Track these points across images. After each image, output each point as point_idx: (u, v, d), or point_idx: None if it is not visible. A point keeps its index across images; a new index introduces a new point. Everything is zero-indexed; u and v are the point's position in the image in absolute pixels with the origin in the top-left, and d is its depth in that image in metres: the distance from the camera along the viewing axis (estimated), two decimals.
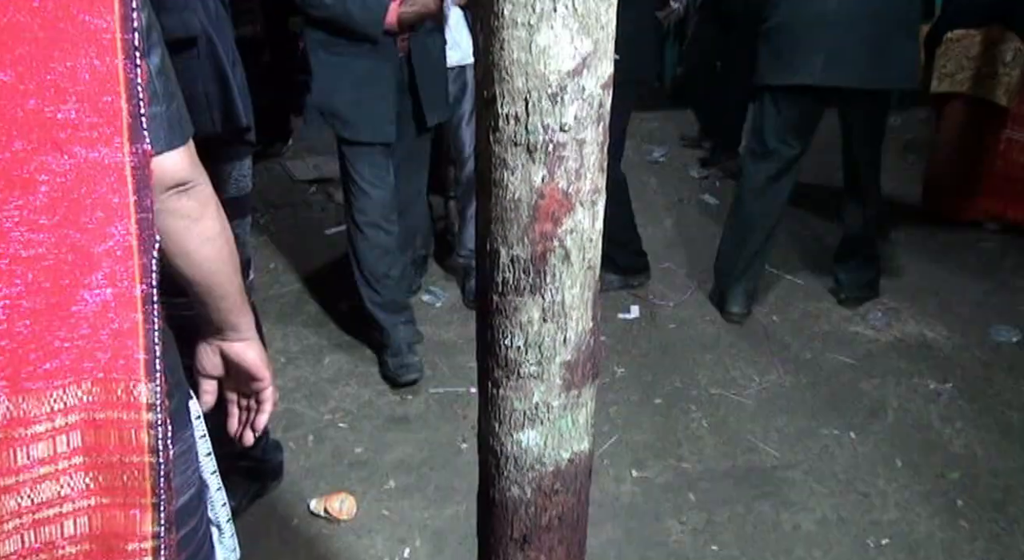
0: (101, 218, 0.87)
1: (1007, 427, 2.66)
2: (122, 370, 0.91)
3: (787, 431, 2.67)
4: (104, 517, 0.94)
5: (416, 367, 2.86)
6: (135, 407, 0.93)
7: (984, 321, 3.23)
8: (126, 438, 0.93)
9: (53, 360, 0.88)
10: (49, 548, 0.92)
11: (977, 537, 2.22)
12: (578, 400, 1.14)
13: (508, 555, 1.22)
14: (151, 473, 0.95)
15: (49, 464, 0.90)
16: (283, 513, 2.30)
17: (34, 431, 0.89)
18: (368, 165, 2.73)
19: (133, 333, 0.91)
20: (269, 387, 1.21)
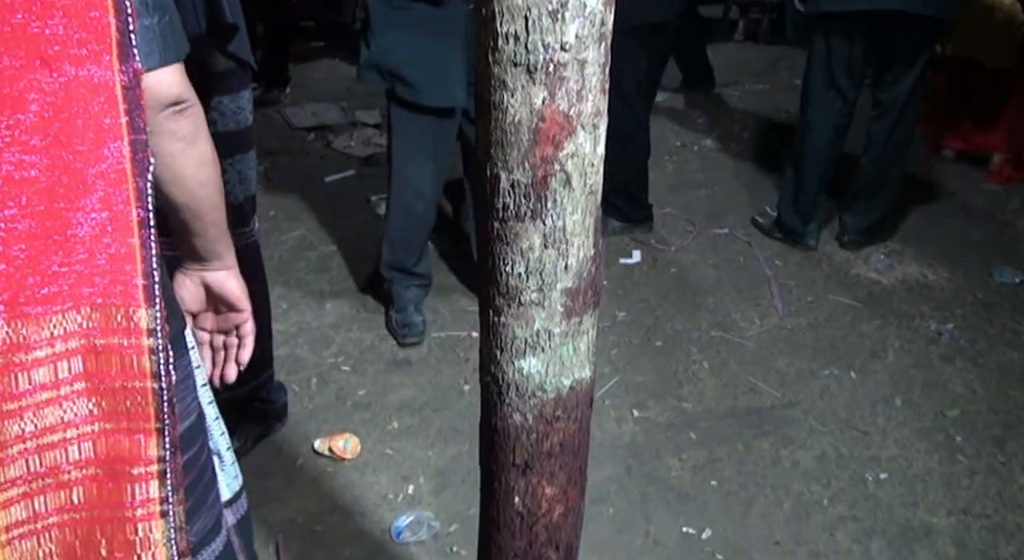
0: (93, 139, 0.86)
1: (1007, 366, 2.67)
2: (121, 296, 0.91)
3: (787, 372, 2.68)
4: (108, 442, 0.94)
5: (418, 329, 2.82)
6: (135, 333, 0.92)
7: (986, 263, 3.23)
8: (127, 364, 0.93)
9: (51, 285, 0.87)
10: (54, 473, 0.93)
11: (976, 472, 2.25)
12: (579, 328, 1.14)
13: (510, 481, 1.23)
14: (154, 398, 0.95)
15: (51, 389, 0.90)
16: (288, 453, 2.32)
17: (35, 356, 0.88)
18: (422, 132, 2.55)
19: (131, 258, 0.91)
20: (250, 320, 1.20)
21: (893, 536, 2.06)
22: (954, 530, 2.07)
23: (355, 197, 3.76)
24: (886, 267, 3.23)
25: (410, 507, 2.15)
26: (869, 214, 3.32)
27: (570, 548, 1.31)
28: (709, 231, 3.52)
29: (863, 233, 3.34)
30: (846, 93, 3.11)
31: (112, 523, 0.95)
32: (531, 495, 1.23)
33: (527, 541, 1.26)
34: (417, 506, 2.15)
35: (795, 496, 2.18)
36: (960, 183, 3.90)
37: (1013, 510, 2.13)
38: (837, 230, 3.42)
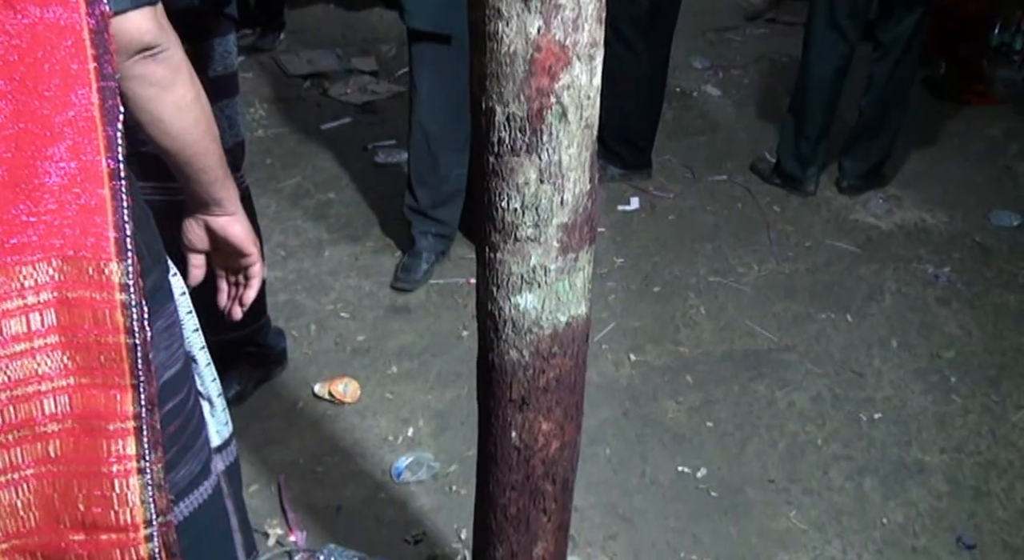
0: (60, 85, 0.84)
1: (1003, 308, 2.68)
2: (92, 248, 0.90)
3: (784, 316, 2.70)
4: (84, 397, 0.94)
5: (412, 278, 2.82)
6: (107, 287, 0.91)
7: (985, 207, 3.22)
8: (100, 318, 0.92)
9: (20, 235, 0.86)
10: (29, 424, 0.93)
11: (969, 411, 2.28)
12: (575, 264, 1.15)
13: (507, 417, 1.24)
14: (128, 354, 0.94)
15: (24, 341, 0.90)
16: (288, 397, 2.34)
17: (5, 307, 0.88)
18: (424, 61, 2.56)
19: (101, 210, 0.89)
20: (256, 262, 1.20)
21: (886, 473, 2.09)
22: (947, 467, 2.11)
23: (352, 145, 3.73)
24: (884, 212, 3.22)
25: (410, 448, 2.17)
26: (868, 158, 3.30)
27: (566, 482, 1.33)
28: (708, 178, 3.50)
29: (862, 178, 3.33)
30: (848, 34, 3.07)
31: (89, 478, 0.96)
32: (528, 430, 1.25)
33: (524, 474, 1.28)
34: (417, 447, 2.18)
35: (790, 436, 2.21)
36: (960, 128, 3.88)
37: (1006, 447, 2.16)
38: (836, 176, 3.40)
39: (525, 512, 1.32)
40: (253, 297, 1.22)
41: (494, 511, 1.32)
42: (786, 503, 2.02)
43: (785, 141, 3.34)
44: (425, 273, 2.86)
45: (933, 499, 2.02)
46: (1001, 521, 1.96)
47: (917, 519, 1.97)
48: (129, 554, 0.99)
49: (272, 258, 2.93)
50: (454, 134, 2.69)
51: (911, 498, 2.02)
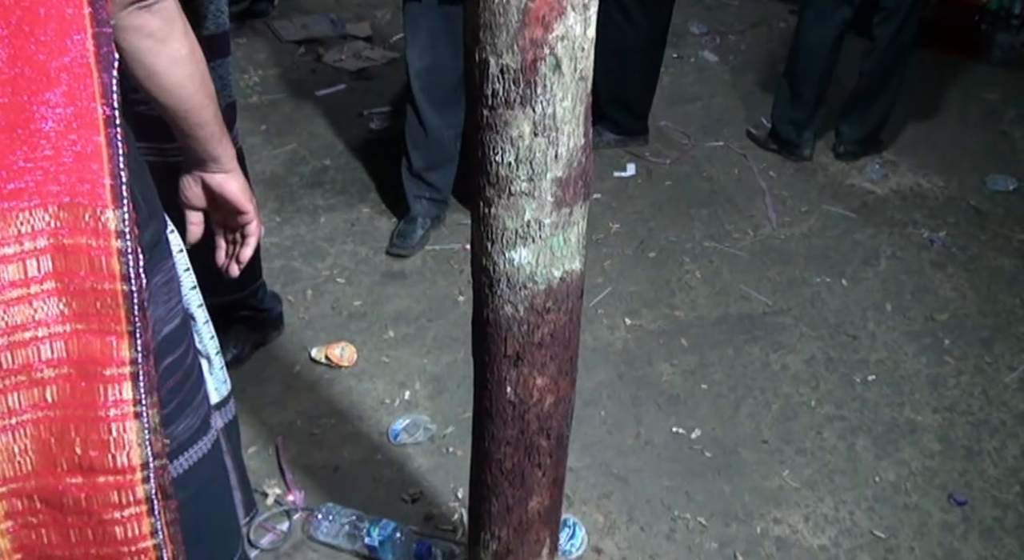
0: (55, 30, 0.84)
1: (998, 271, 2.69)
2: (88, 195, 0.90)
3: (779, 280, 2.70)
4: (80, 343, 0.94)
5: (407, 243, 2.82)
6: (103, 234, 0.91)
7: (982, 171, 3.22)
8: (96, 265, 0.92)
9: (17, 180, 0.87)
10: (27, 370, 0.93)
11: (962, 372, 2.29)
12: (570, 218, 1.15)
13: (502, 372, 1.25)
14: (124, 301, 0.94)
15: (21, 287, 0.90)
16: (285, 360, 2.35)
17: (3, 253, 0.88)
18: (415, 18, 2.56)
19: (97, 156, 0.89)
20: (253, 220, 1.20)
21: (879, 433, 2.11)
22: (939, 427, 2.13)
23: (347, 111, 3.71)
24: (880, 177, 3.22)
25: (407, 411, 2.19)
26: (865, 124, 3.29)
27: (560, 437, 1.34)
28: (704, 144, 3.49)
29: (859, 143, 3.32)
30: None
31: (86, 422, 0.97)
32: (522, 385, 1.26)
33: (519, 429, 1.29)
34: (413, 410, 2.20)
35: (783, 398, 2.23)
36: (957, 93, 3.86)
37: (998, 407, 2.18)
38: (833, 142, 3.39)
39: (520, 467, 1.33)
40: (250, 255, 1.22)
41: (489, 466, 1.34)
42: (779, 462, 2.04)
43: (780, 105, 3.32)
44: (421, 238, 2.86)
45: (925, 458, 2.04)
46: (992, 479, 1.98)
47: (909, 477, 1.99)
48: (126, 495, 1.00)
49: (268, 224, 2.92)
50: (446, 94, 2.68)
51: (903, 457, 2.04)
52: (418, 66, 2.64)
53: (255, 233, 1.23)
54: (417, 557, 1.71)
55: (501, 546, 1.40)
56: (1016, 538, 1.84)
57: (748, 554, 1.81)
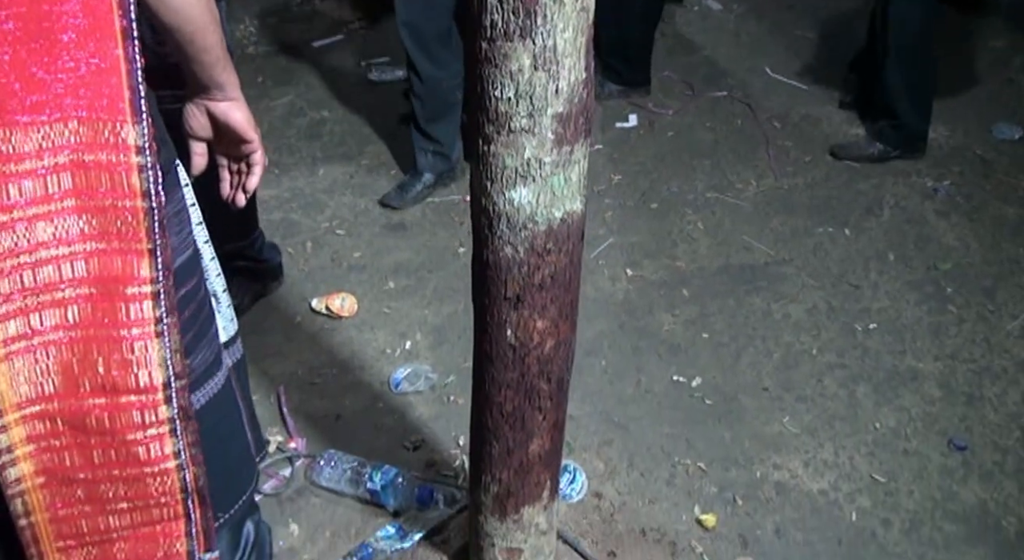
0: None
1: (1002, 220, 2.67)
2: (107, 110, 0.90)
3: (782, 231, 2.69)
4: (101, 262, 0.95)
5: (404, 196, 2.80)
6: (123, 149, 0.91)
7: (988, 120, 3.18)
8: (117, 182, 0.92)
9: (37, 93, 0.86)
10: (50, 289, 0.94)
11: (964, 320, 2.29)
12: (570, 157, 1.13)
13: (502, 315, 1.24)
14: (145, 218, 0.95)
15: (41, 204, 0.90)
16: (286, 311, 2.35)
17: (24, 167, 0.88)
18: None
19: (115, 70, 0.89)
20: (258, 149, 1.19)
21: (879, 381, 2.11)
22: (940, 374, 2.13)
23: (345, 62, 3.66)
24: None
25: (407, 361, 2.19)
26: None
27: (561, 380, 1.34)
28: (708, 94, 3.44)
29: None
30: None
31: (108, 342, 0.97)
32: (523, 328, 1.25)
33: (519, 373, 1.29)
34: (414, 360, 2.20)
35: (785, 346, 2.23)
36: (964, 42, 3.79)
37: (1000, 354, 2.17)
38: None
39: (520, 410, 1.33)
40: (256, 184, 1.21)
41: (490, 409, 1.34)
42: (779, 409, 2.04)
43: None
44: (419, 194, 2.83)
45: (926, 404, 2.04)
46: (992, 424, 1.99)
47: (909, 423, 1.99)
48: (149, 415, 1.02)
49: (266, 177, 2.86)
50: (436, 41, 2.64)
51: (904, 404, 2.05)
52: (405, 16, 2.60)
53: (260, 162, 1.23)
54: (419, 502, 1.72)
55: (502, 488, 1.41)
56: (1016, 481, 1.85)
57: (747, 498, 1.82)
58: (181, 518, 1.11)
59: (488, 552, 1.50)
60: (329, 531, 1.74)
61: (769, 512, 1.80)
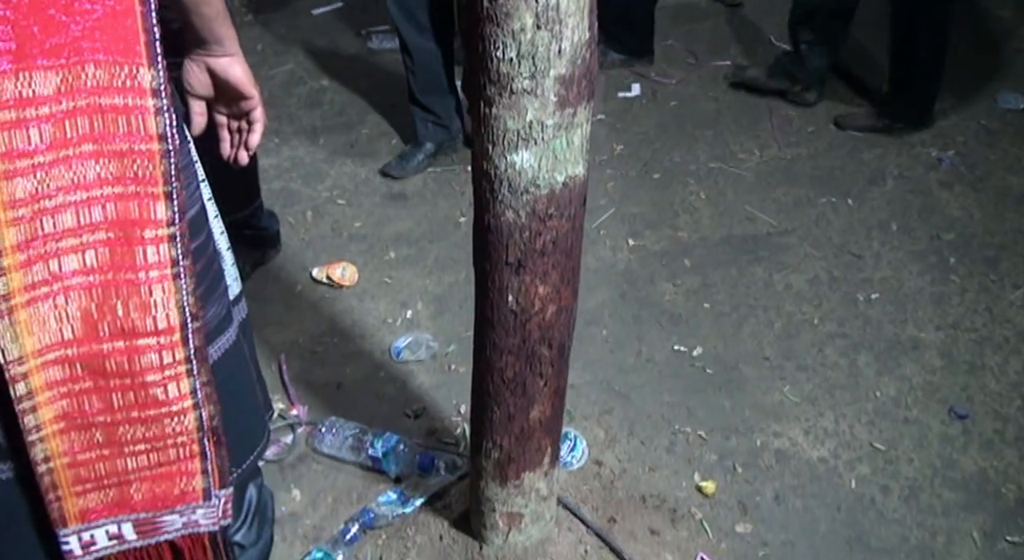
0: None
1: (1006, 190, 2.66)
2: (123, 53, 0.90)
3: (784, 201, 2.67)
4: (119, 207, 0.95)
5: (402, 166, 2.78)
6: (139, 92, 0.92)
7: (993, 89, 3.15)
8: (134, 125, 0.93)
9: (55, 36, 0.85)
10: (69, 235, 0.94)
11: (967, 290, 2.28)
12: (573, 120, 1.12)
13: (503, 280, 1.24)
14: (161, 161, 0.95)
15: (60, 149, 0.90)
16: (286, 280, 2.35)
17: (43, 112, 0.87)
18: None
19: (131, 11, 0.89)
20: (258, 106, 1.18)
21: (881, 350, 2.11)
22: (942, 343, 2.12)
23: (344, 30, 3.63)
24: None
25: (409, 330, 2.19)
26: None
27: (562, 347, 1.33)
28: (711, 63, 3.41)
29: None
30: None
31: (127, 285, 0.98)
32: (524, 294, 1.24)
33: (520, 338, 1.29)
34: (416, 329, 2.19)
35: (786, 316, 2.22)
36: (969, 12, 3.75)
37: (1002, 324, 2.17)
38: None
39: (521, 376, 1.33)
40: (258, 141, 1.21)
41: (491, 375, 1.34)
42: (780, 379, 2.04)
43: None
44: (419, 164, 2.81)
45: (927, 373, 2.04)
46: (994, 393, 1.99)
47: (910, 392, 2.00)
48: (167, 356, 1.03)
49: (266, 146, 2.88)
50: (420, 12, 2.60)
51: (905, 373, 2.05)
52: None
53: (260, 119, 1.22)
54: (420, 468, 1.73)
55: (503, 454, 1.42)
56: (1016, 449, 1.86)
57: (747, 466, 1.83)
58: (197, 457, 1.13)
59: (489, 517, 1.51)
60: (331, 497, 1.75)
61: (769, 479, 1.80)
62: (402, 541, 1.61)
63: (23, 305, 0.93)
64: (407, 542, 1.61)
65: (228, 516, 1.21)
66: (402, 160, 2.81)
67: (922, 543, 1.68)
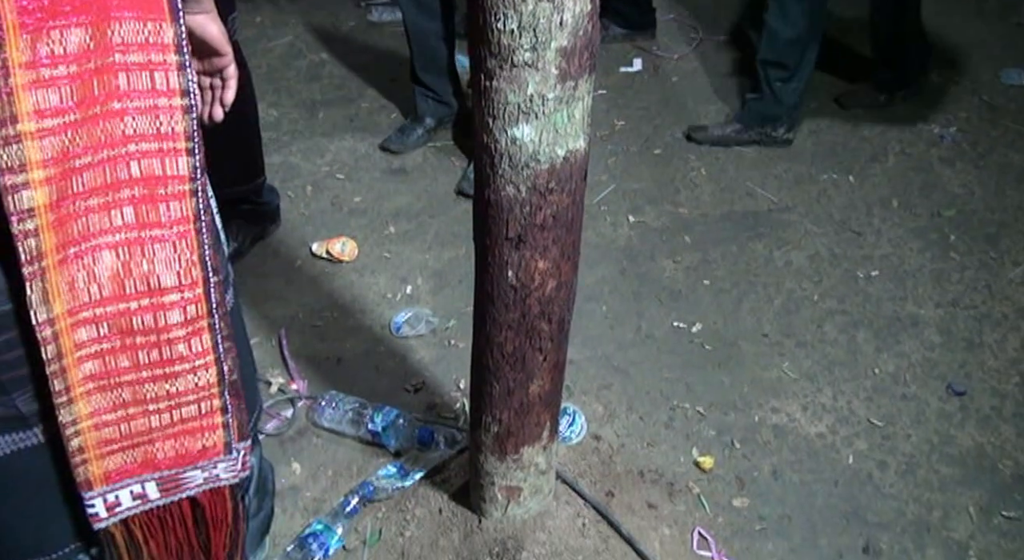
0: None
1: (1007, 167, 2.65)
2: (147, 9, 0.91)
3: (786, 177, 2.66)
4: (143, 164, 0.96)
5: (403, 143, 2.77)
6: (163, 48, 0.92)
7: (996, 65, 3.13)
8: (158, 81, 0.93)
9: None
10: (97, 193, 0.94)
11: (967, 267, 2.28)
12: (574, 93, 1.11)
13: (503, 255, 1.23)
14: (184, 116, 0.96)
15: (88, 107, 0.90)
16: (286, 255, 2.34)
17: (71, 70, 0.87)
18: None
19: None
20: (232, 63, 1.18)
21: (880, 326, 2.11)
22: (941, 320, 2.13)
23: (344, 2, 3.60)
24: None
25: (408, 305, 2.19)
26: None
27: (562, 321, 1.33)
28: (713, 38, 3.39)
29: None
30: None
31: (152, 242, 1.00)
32: (524, 268, 1.24)
33: (520, 313, 1.29)
34: (415, 304, 2.20)
35: (786, 293, 2.22)
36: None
37: (1001, 301, 2.17)
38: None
39: (521, 350, 1.33)
40: (232, 97, 1.21)
41: (491, 349, 1.34)
42: (779, 355, 2.05)
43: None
44: (419, 138, 2.80)
45: (925, 350, 2.05)
46: (992, 370, 1.99)
47: (909, 369, 2.00)
48: (190, 311, 1.05)
49: (265, 119, 2.86)
50: None
51: (903, 350, 2.05)
52: None
53: (234, 76, 1.22)
54: (420, 442, 1.74)
55: (502, 429, 1.42)
56: (1013, 426, 1.86)
57: (745, 441, 1.84)
58: (218, 411, 1.15)
59: (488, 490, 1.52)
60: (331, 470, 1.76)
61: (766, 454, 1.81)
62: (401, 514, 1.63)
63: (55, 265, 0.94)
64: (406, 515, 1.62)
65: (247, 469, 1.23)
66: (402, 134, 2.79)
67: (918, 517, 1.69)
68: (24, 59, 0.84)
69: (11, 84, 0.83)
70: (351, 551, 1.59)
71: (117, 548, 1.20)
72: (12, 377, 1.02)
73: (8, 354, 1.00)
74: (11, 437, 1.07)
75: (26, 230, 0.90)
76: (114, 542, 1.20)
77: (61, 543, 1.21)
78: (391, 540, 1.59)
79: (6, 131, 0.85)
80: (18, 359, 1.00)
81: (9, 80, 0.83)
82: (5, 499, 1.13)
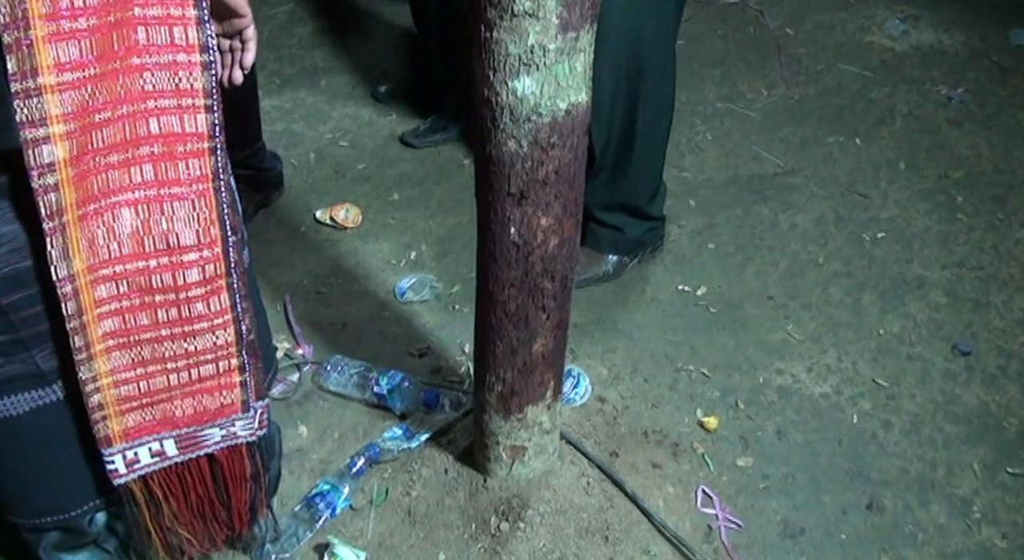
0: None
1: (1016, 127, 2.62)
2: None
3: (792, 140, 2.64)
4: (162, 120, 0.96)
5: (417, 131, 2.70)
6: (183, 3, 0.92)
7: (1004, 26, 3.08)
8: (177, 36, 0.93)
9: None
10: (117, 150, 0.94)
11: (974, 228, 2.26)
12: (576, 44, 1.10)
13: (505, 211, 1.23)
14: (203, 73, 0.95)
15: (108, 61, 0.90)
16: (290, 222, 2.34)
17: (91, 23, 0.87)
18: None
19: None
20: (251, 25, 1.17)
21: (885, 288, 2.10)
22: (947, 281, 2.12)
23: None
24: (900, 33, 3.09)
25: (412, 270, 2.19)
26: None
27: (565, 279, 1.33)
28: (719, 1, 3.34)
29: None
30: None
31: (172, 199, 1.00)
32: (526, 225, 1.24)
33: (523, 271, 1.28)
34: (420, 270, 2.19)
35: (791, 256, 2.21)
36: None
37: (1008, 262, 2.16)
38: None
39: (524, 309, 1.33)
40: (252, 60, 1.20)
41: (494, 308, 1.34)
42: (784, 317, 2.04)
43: None
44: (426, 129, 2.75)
45: (931, 311, 2.04)
46: (998, 330, 1.99)
47: (914, 330, 2.00)
48: (209, 269, 1.05)
49: (267, 87, 2.85)
50: None
51: (909, 311, 2.04)
52: None
53: (253, 37, 1.21)
54: (425, 405, 1.74)
55: (506, 388, 1.42)
56: (1018, 385, 1.86)
57: (749, 402, 1.84)
58: (236, 370, 1.16)
59: (493, 450, 1.53)
60: (337, 432, 1.77)
61: (770, 415, 1.82)
62: (407, 474, 1.64)
63: (76, 221, 0.95)
64: (412, 475, 1.63)
65: (264, 426, 1.24)
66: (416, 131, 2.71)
67: (922, 475, 1.70)
68: (44, 10, 0.83)
69: (31, 35, 0.83)
70: (358, 510, 1.60)
71: (137, 505, 1.22)
72: (32, 333, 1.03)
73: (29, 310, 1.01)
74: (31, 394, 1.08)
75: (47, 185, 0.90)
76: (134, 499, 1.21)
77: (80, 501, 1.23)
78: (397, 500, 1.61)
79: (27, 83, 0.85)
80: (38, 315, 1.01)
81: (29, 31, 0.82)
82: (26, 456, 1.14)
